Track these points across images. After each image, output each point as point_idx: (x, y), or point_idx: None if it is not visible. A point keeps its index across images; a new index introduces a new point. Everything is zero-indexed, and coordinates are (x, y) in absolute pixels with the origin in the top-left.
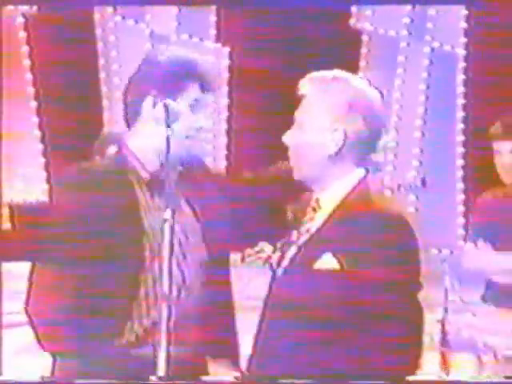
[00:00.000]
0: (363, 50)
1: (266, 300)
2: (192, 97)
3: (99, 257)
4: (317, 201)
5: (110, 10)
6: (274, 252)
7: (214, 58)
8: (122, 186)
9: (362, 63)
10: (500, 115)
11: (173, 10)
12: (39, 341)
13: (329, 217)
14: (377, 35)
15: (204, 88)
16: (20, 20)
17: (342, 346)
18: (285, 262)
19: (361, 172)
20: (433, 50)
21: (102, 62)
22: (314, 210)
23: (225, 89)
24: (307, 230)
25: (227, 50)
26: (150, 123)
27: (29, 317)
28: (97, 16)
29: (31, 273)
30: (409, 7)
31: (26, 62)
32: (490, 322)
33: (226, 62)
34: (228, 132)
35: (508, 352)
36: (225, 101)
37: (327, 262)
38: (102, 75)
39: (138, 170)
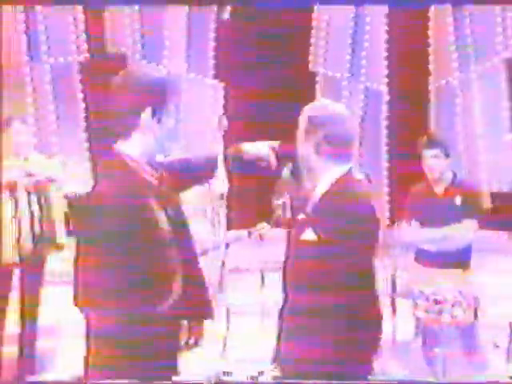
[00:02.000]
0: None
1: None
2: (171, 108)
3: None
4: (313, 190)
5: (138, 56)
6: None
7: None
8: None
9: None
10: (426, 131)
11: (183, 55)
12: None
13: (317, 201)
14: (326, 76)
15: (176, 100)
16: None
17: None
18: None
19: (340, 169)
20: (366, 87)
21: None
22: (311, 197)
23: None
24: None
25: (222, 84)
26: (147, 132)
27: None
28: (129, 63)
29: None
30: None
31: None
32: (420, 276)
33: (221, 92)
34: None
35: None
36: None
37: (309, 235)
38: None
39: (142, 173)
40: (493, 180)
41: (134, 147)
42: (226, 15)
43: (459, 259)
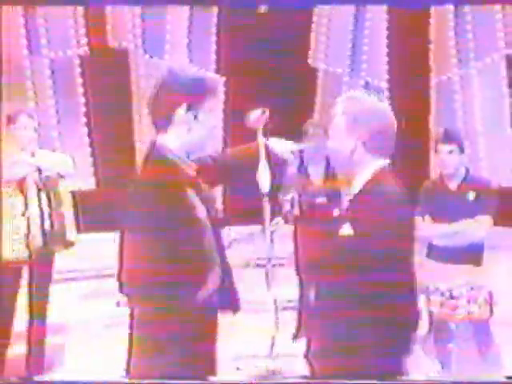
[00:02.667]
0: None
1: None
2: (209, 107)
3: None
4: (350, 184)
5: (140, 51)
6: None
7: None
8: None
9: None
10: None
11: (185, 50)
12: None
13: (354, 196)
14: (327, 71)
15: (212, 99)
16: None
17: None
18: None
19: (378, 163)
20: (367, 83)
21: (133, 88)
22: (349, 191)
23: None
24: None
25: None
26: (183, 127)
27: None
28: (131, 57)
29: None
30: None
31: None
32: (433, 272)
33: (222, 88)
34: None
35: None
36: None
37: (346, 230)
38: (135, 99)
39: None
40: (493, 176)
41: (171, 141)
42: (263, 9)
43: (471, 255)
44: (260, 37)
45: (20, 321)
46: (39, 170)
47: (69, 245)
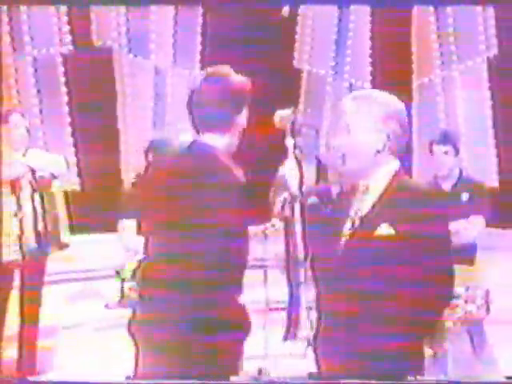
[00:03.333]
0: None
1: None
2: (246, 109)
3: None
4: (366, 186)
5: (125, 49)
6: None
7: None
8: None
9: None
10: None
11: (170, 50)
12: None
13: (380, 197)
14: (311, 73)
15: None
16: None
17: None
18: (346, 233)
19: (396, 163)
20: (350, 84)
21: (118, 86)
22: (364, 192)
23: None
24: (358, 209)
25: None
26: (228, 129)
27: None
28: (115, 56)
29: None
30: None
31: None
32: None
33: None
34: None
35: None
36: None
37: (385, 230)
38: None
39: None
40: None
41: (218, 142)
42: (286, 12)
43: (464, 255)
44: (244, 37)
45: (11, 324)
46: (32, 171)
47: (63, 246)
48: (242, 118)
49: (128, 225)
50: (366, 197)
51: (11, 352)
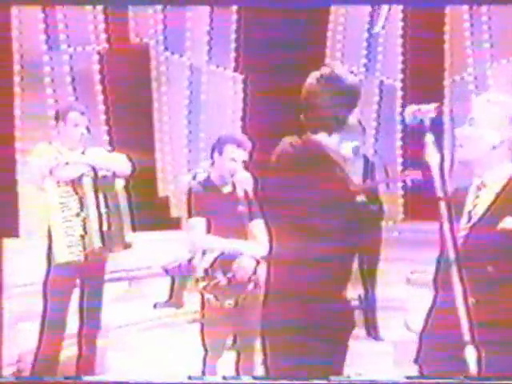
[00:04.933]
0: None
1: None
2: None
3: None
4: (482, 182)
5: (161, 47)
6: None
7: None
8: None
9: None
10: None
11: (205, 47)
12: None
13: (500, 191)
14: None
15: None
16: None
17: None
18: (464, 228)
19: None
20: (381, 82)
21: (154, 83)
22: (479, 188)
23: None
24: (475, 205)
25: (241, 77)
26: (342, 131)
27: None
28: (152, 52)
29: None
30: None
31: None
32: None
33: (240, 86)
34: None
35: None
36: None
37: (510, 223)
38: (155, 94)
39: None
40: None
41: (334, 143)
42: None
43: None
44: (278, 35)
45: (72, 323)
46: (94, 170)
47: (128, 246)
48: (353, 118)
49: (197, 223)
50: (481, 193)
51: (71, 351)
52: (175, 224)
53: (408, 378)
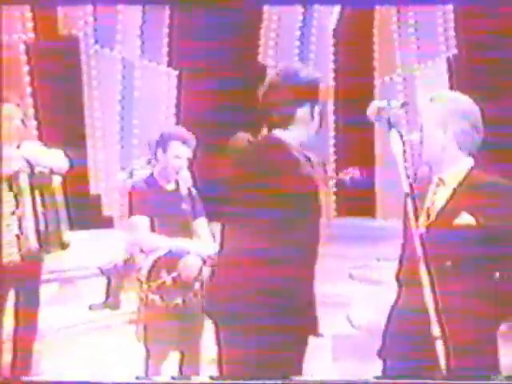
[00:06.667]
0: None
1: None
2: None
3: None
4: (440, 178)
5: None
6: None
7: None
8: None
9: None
10: None
11: (137, 41)
12: None
13: (457, 187)
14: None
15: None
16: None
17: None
18: (422, 224)
19: (471, 160)
20: None
21: (85, 77)
22: (438, 185)
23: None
24: (433, 202)
25: (176, 72)
26: (303, 126)
27: None
28: (82, 45)
29: None
30: None
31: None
32: None
33: (174, 81)
34: None
35: None
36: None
37: (465, 219)
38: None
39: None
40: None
41: (291, 137)
42: None
43: None
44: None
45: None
46: (30, 165)
47: (65, 246)
48: (305, 112)
49: (140, 222)
50: (439, 189)
51: (6, 355)
52: (108, 222)
53: (376, 378)
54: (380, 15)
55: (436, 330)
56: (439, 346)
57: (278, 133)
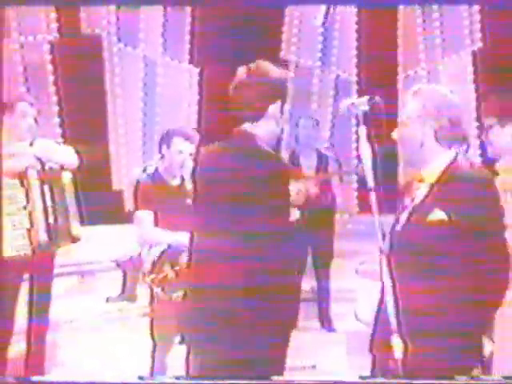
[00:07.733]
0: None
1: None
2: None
3: None
4: (421, 175)
5: (114, 38)
6: None
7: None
8: None
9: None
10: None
11: (159, 39)
12: None
13: (433, 185)
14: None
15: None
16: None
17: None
18: (402, 220)
19: (451, 154)
20: (337, 76)
21: (108, 75)
22: (420, 181)
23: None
24: (413, 198)
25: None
26: (272, 121)
27: None
28: (105, 44)
29: None
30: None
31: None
32: None
33: (196, 78)
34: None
35: None
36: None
37: (438, 215)
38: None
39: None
40: None
41: (261, 132)
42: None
43: None
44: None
45: (21, 319)
46: (41, 162)
47: (75, 240)
48: (276, 108)
49: (145, 216)
50: (420, 185)
51: (19, 348)
52: (130, 218)
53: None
54: (404, 11)
55: (393, 325)
56: (396, 341)
57: (248, 128)
